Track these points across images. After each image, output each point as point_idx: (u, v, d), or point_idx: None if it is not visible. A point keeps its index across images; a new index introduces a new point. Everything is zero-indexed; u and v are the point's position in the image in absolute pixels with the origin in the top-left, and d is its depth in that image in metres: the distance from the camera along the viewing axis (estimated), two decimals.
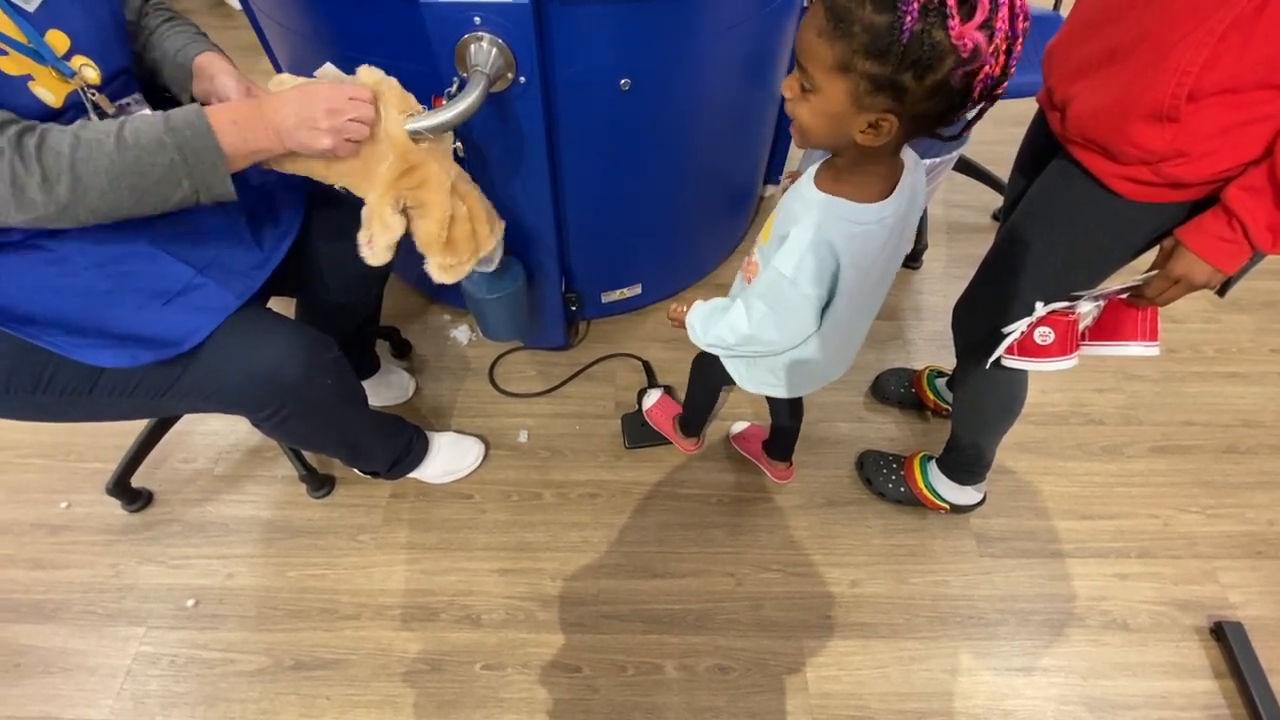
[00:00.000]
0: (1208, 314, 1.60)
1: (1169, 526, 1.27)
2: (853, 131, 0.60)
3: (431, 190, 0.87)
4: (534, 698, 1.08)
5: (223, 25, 2.70)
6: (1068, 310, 0.83)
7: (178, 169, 0.71)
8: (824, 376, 0.96)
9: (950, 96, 0.55)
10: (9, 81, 0.69)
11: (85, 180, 0.68)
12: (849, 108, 0.58)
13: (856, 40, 0.53)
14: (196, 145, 0.71)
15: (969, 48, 0.51)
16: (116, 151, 0.68)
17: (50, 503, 1.31)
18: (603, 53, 1.00)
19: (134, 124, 0.69)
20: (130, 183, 0.70)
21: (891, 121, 0.58)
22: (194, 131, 0.71)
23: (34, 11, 0.71)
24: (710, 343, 0.86)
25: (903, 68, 0.53)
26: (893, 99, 0.56)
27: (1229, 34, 0.60)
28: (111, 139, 0.68)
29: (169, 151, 0.70)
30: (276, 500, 1.31)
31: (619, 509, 1.30)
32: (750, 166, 1.58)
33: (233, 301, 0.87)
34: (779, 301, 0.74)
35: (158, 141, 0.69)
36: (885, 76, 0.54)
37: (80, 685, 1.10)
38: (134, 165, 0.69)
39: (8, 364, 0.82)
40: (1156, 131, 0.67)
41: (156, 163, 0.70)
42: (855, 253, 0.70)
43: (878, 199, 0.68)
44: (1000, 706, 1.07)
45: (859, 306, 0.82)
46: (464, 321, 1.61)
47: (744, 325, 0.79)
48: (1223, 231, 0.68)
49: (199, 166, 0.72)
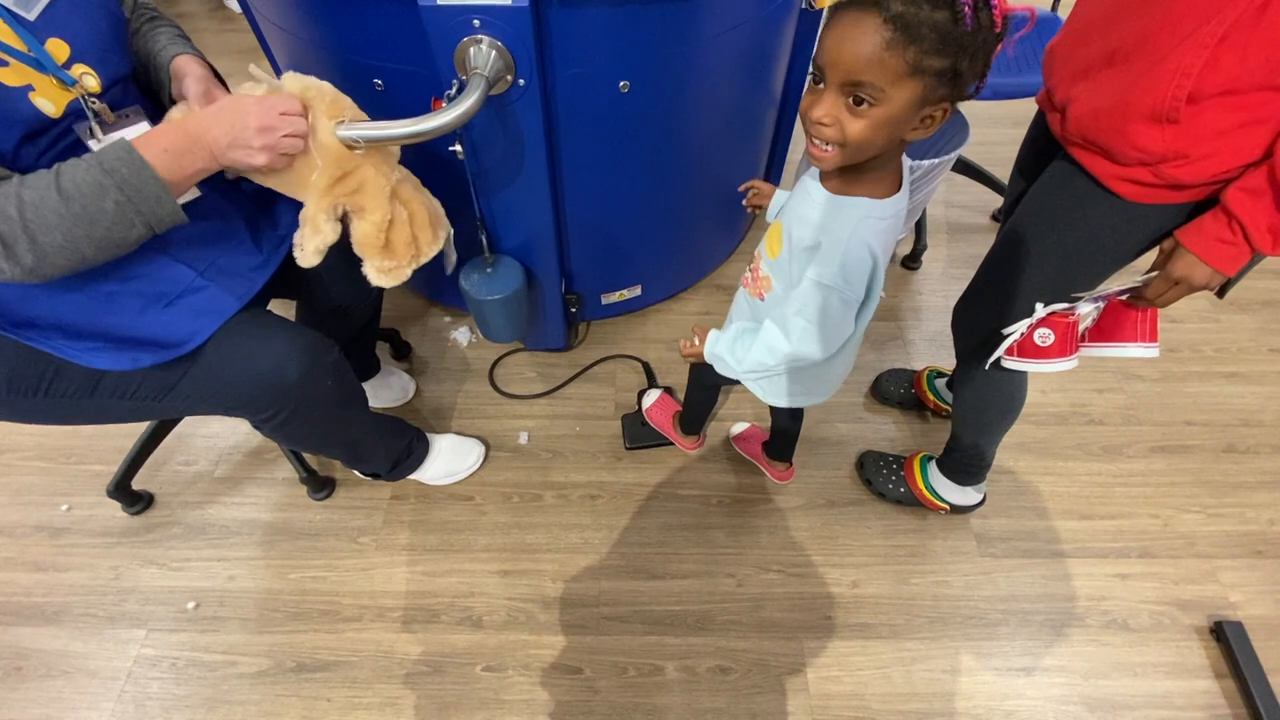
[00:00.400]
0: (1207, 314, 1.61)
1: (1169, 526, 1.27)
2: (904, 132, 0.61)
3: (368, 195, 0.86)
4: (535, 699, 1.08)
5: (223, 28, 2.71)
6: (1067, 312, 0.83)
7: (125, 210, 0.70)
8: (843, 376, 0.97)
9: (984, 69, 0.57)
10: (8, 93, 0.69)
11: (41, 239, 0.68)
12: (910, 111, 0.59)
13: (926, 41, 0.54)
14: (135, 182, 0.70)
15: (1000, 20, 0.54)
16: (63, 205, 0.68)
17: (51, 505, 1.31)
18: (602, 55, 1.00)
19: (70, 174, 0.69)
20: (84, 232, 0.69)
21: (946, 109, 0.59)
22: (130, 169, 0.70)
23: (34, 20, 0.72)
24: (748, 370, 0.84)
25: (964, 55, 0.55)
26: (950, 87, 0.58)
27: (1229, 36, 0.60)
28: (54, 192, 0.68)
29: (111, 194, 0.69)
30: (277, 502, 1.31)
31: (619, 510, 1.30)
32: (749, 168, 1.58)
33: (233, 304, 0.87)
34: (823, 313, 0.74)
35: (97, 186, 0.69)
36: (949, 68, 0.56)
37: (81, 688, 1.10)
38: (83, 215, 0.69)
39: (9, 367, 0.82)
40: (1156, 133, 0.67)
41: (104, 208, 0.69)
42: (885, 248, 0.71)
43: (893, 193, 0.70)
44: (1001, 707, 1.07)
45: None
46: (464, 323, 1.61)
47: (783, 345, 0.78)
48: (1222, 233, 0.68)
49: (145, 202, 0.71)
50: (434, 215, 1.00)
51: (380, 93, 1.05)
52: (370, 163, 0.85)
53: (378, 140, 0.83)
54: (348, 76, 1.07)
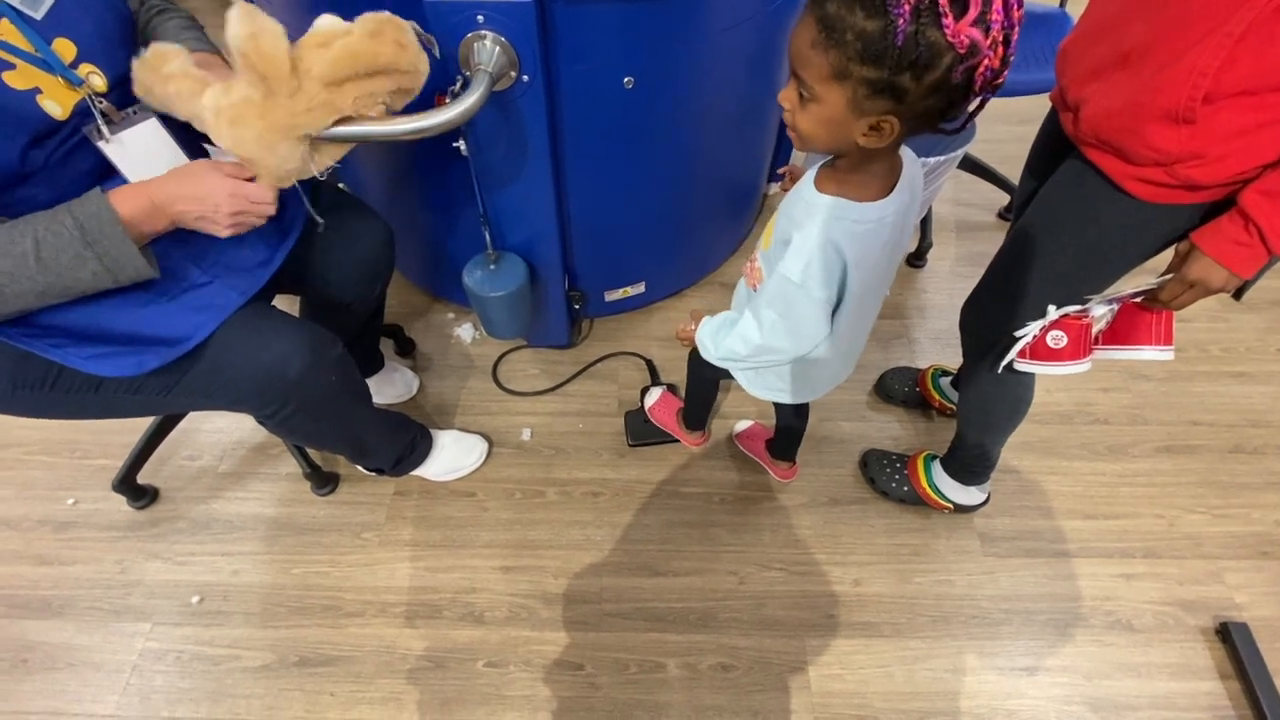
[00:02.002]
0: (1215, 313, 1.59)
1: (1174, 527, 1.26)
2: (854, 135, 0.60)
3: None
4: (536, 695, 1.09)
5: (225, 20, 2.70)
6: (1081, 314, 0.82)
7: (101, 278, 0.74)
8: (830, 381, 0.96)
9: (950, 92, 0.55)
10: (16, 96, 0.69)
11: (12, 305, 0.71)
12: (848, 114, 0.58)
13: (850, 48, 0.53)
14: (116, 254, 0.73)
15: (965, 44, 0.51)
16: (39, 273, 0.70)
17: (57, 499, 1.32)
18: (606, 51, 1.00)
19: (50, 244, 0.70)
20: (58, 292, 0.73)
21: (892, 123, 0.58)
22: (112, 242, 0.72)
23: (41, 19, 0.72)
24: (722, 357, 0.84)
25: (900, 70, 0.53)
26: (893, 100, 0.56)
27: (1247, 36, 0.60)
28: (31, 261, 0.69)
29: (90, 264, 0.72)
30: (281, 497, 1.32)
31: (622, 507, 1.30)
32: (753, 165, 1.57)
33: (236, 299, 0.87)
34: (788, 308, 0.73)
35: (76, 257, 0.71)
36: (883, 80, 0.54)
37: (86, 681, 1.11)
38: (58, 283, 0.72)
39: (14, 363, 0.82)
40: (1172, 133, 0.66)
41: (80, 276, 0.72)
42: (860, 252, 0.70)
43: (879, 197, 0.68)
44: (1004, 706, 1.07)
45: (863, 306, 0.82)
46: (468, 320, 1.61)
47: (755, 335, 0.78)
48: (1239, 236, 0.67)
49: (121, 270, 0.74)
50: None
51: None
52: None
53: (378, 137, 0.83)
54: None
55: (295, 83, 0.75)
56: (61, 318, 0.79)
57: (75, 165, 0.78)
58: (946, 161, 1.32)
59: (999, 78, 0.54)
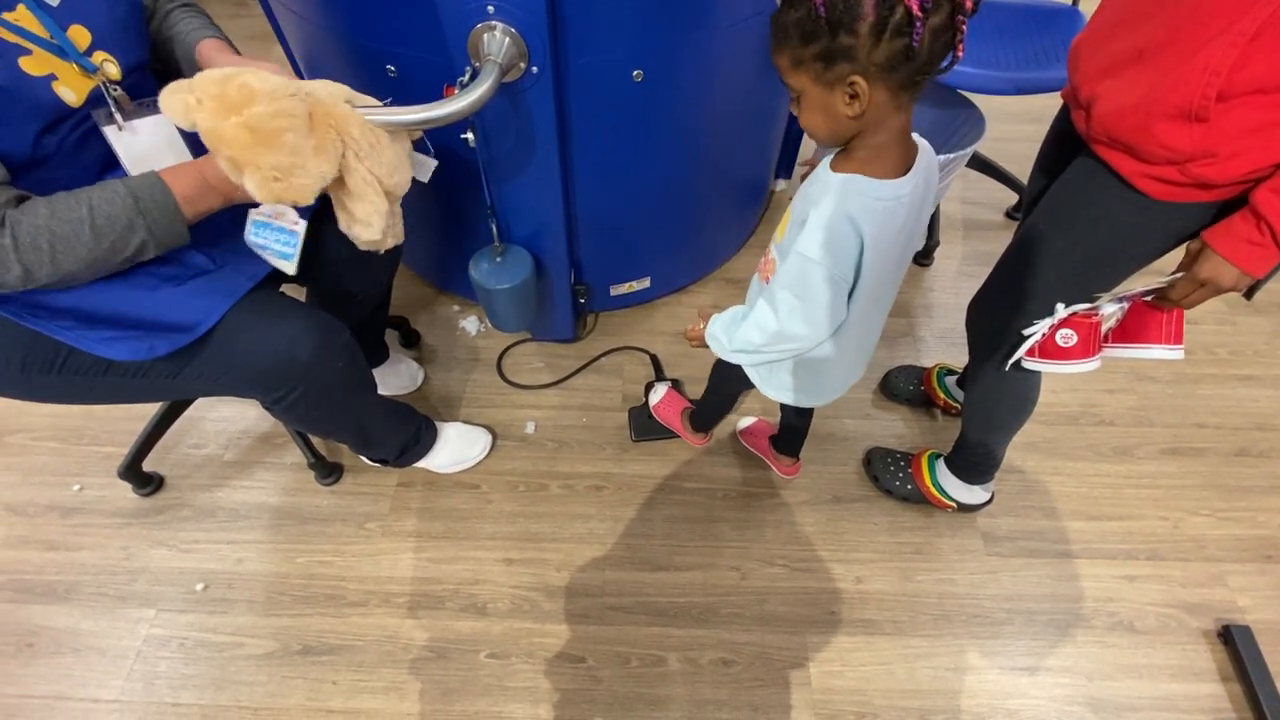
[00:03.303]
0: (1223, 316, 1.59)
1: (1178, 529, 1.26)
2: (842, 111, 0.63)
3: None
4: (538, 687, 1.09)
5: (235, 14, 2.71)
6: (1090, 312, 0.81)
7: (148, 246, 0.76)
8: (842, 383, 0.95)
9: (896, 30, 0.56)
10: (32, 83, 0.70)
11: (65, 268, 0.72)
12: (822, 92, 0.63)
13: (791, 39, 0.61)
14: (165, 224, 0.75)
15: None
16: (93, 240, 0.72)
17: (63, 485, 1.33)
18: (615, 44, 0.99)
19: (104, 210, 0.72)
20: (105, 259, 0.74)
21: (860, 83, 0.60)
22: (162, 212, 0.74)
23: (57, 6, 0.72)
24: (737, 348, 0.82)
25: (835, 32, 0.58)
26: (848, 62, 0.59)
27: (1261, 34, 0.59)
28: (87, 229, 0.71)
29: (139, 233, 0.74)
30: (285, 487, 1.32)
31: (625, 501, 1.30)
32: (761, 160, 1.57)
33: (244, 284, 0.88)
34: (806, 289, 0.72)
35: (128, 225, 0.73)
36: (826, 48, 0.59)
37: (91, 666, 1.12)
38: (109, 250, 0.73)
39: (24, 346, 0.82)
40: (1185, 131, 0.66)
41: (130, 242, 0.74)
42: (877, 230, 0.69)
43: (894, 175, 0.69)
44: (1004, 705, 1.07)
45: (876, 298, 0.81)
46: (473, 312, 1.61)
47: (771, 322, 0.76)
48: (1251, 235, 0.66)
49: (167, 238, 0.77)
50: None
51: (393, 79, 1.05)
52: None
53: (390, 125, 0.83)
54: (361, 63, 1.06)
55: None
56: (74, 301, 0.79)
57: (87, 153, 0.78)
58: (955, 159, 1.31)
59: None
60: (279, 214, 0.76)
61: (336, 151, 0.76)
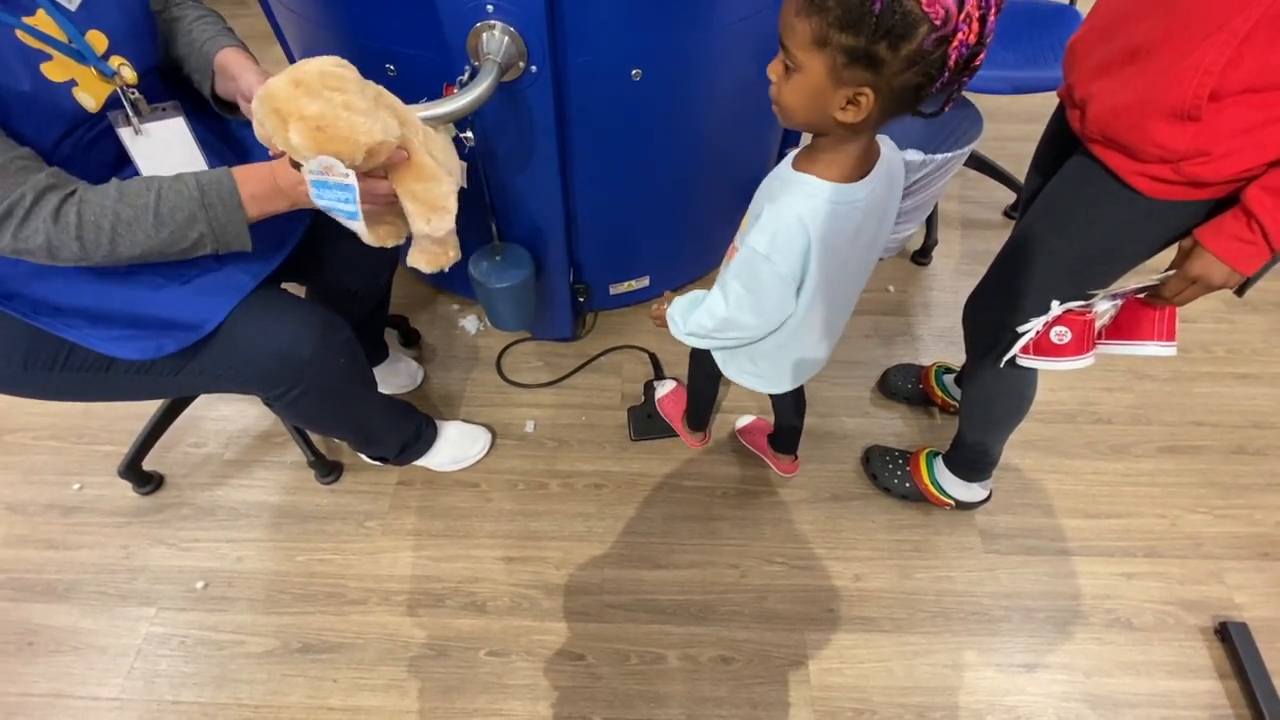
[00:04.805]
0: (1220, 314, 1.59)
1: (1176, 526, 1.26)
2: (832, 109, 0.61)
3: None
4: (537, 685, 1.09)
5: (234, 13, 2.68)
6: (1084, 309, 0.82)
7: (205, 240, 0.75)
8: (805, 371, 0.97)
9: (927, 67, 0.55)
10: (54, 88, 0.70)
11: (121, 252, 0.72)
12: (827, 84, 0.59)
13: (830, 14, 0.55)
14: (225, 219, 0.75)
15: (940, 14, 0.52)
16: (154, 229, 0.72)
17: (63, 484, 1.33)
18: (614, 42, 1.00)
19: (170, 200, 0.72)
20: (161, 249, 0.74)
21: (868, 95, 0.58)
22: (225, 208, 0.74)
23: (75, 10, 0.72)
24: (689, 331, 0.86)
25: (877, 37, 0.54)
26: (869, 71, 0.57)
27: (1253, 34, 0.60)
28: (150, 215, 0.71)
29: (199, 225, 0.74)
30: (285, 485, 1.32)
31: (624, 500, 1.30)
32: (760, 158, 1.57)
33: (248, 282, 0.88)
34: (754, 280, 0.74)
35: (190, 217, 0.73)
36: (860, 48, 0.55)
37: (91, 664, 1.12)
38: (169, 239, 0.73)
39: (26, 342, 0.83)
40: (1178, 130, 0.66)
41: (188, 234, 0.74)
42: (826, 231, 0.70)
43: (849, 179, 0.69)
44: (1002, 702, 1.08)
45: (834, 294, 0.82)
46: (472, 311, 1.61)
47: (720, 308, 0.79)
48: (1242, 232, 0.67)
49: (225, 236, 0.76)
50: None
51: (393, 78, 1.05)
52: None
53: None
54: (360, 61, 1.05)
55: None
56: (80, 299, 0.79)
57: (99, 153, 0.79)
58: (954, 159, 1.32)
59: (975, 58, 0.55)
60: (328, 168, 0.74)
61: (392, 122, 0.74)
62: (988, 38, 0.54)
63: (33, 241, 0.68)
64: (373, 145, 0.71)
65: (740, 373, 0.99)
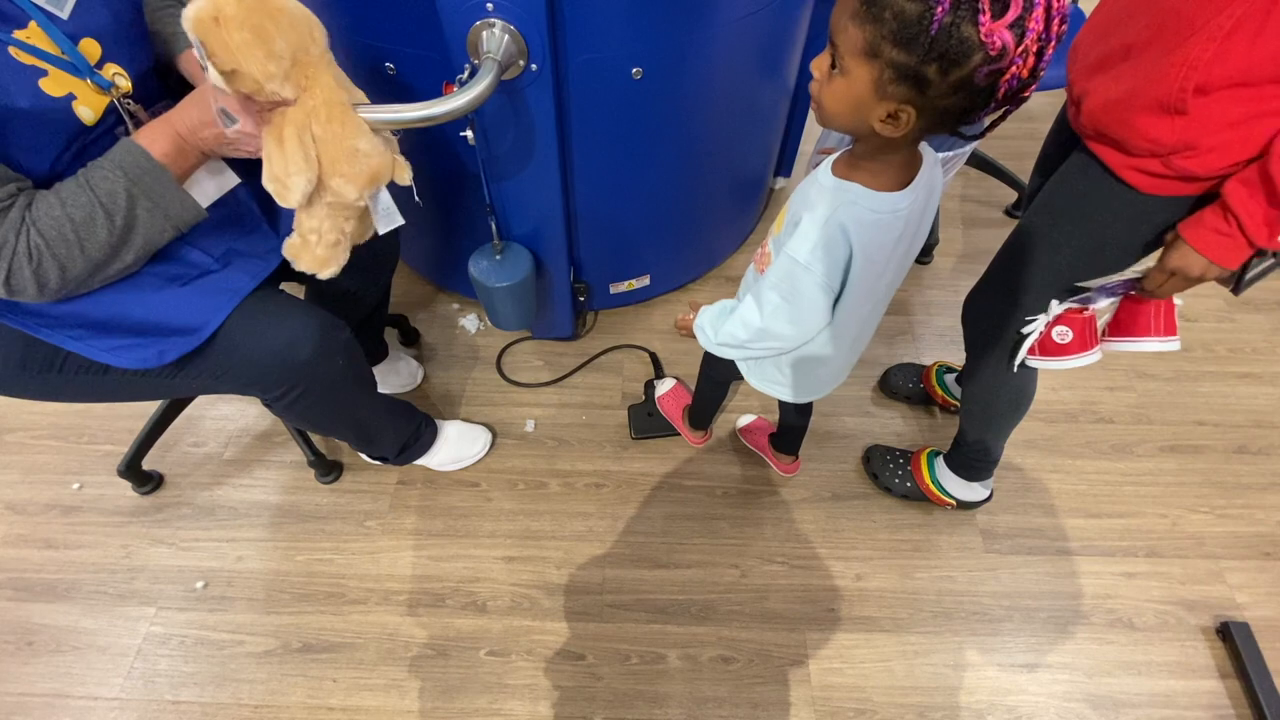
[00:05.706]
0: (1222, 313, 1.59)
1: (1177, 526, 1.26)
2: (871, 120, 0.60)
3: None
4: (538, 684, 1.09)
5: None
6: (1082, 307, 0.82)
7: (156, 216, 0.75)
8: (831, 380, 0.95)
9: (973, 94, 0.54)
10: (53, 104, 0.70)
11: (91, 253, 0.72)
12: (871, 94, 0.58)
13: (886, 26, 0.53)
14: (159, 189, 0.74)
15: (997, 46, 0.51)
16: (107, 220, 0.72)
17: (63, 484, 1.33)
18: (615, 41, 0.99)
19: (102, 184, 0.71)
20: (123, 239, 0.73)
21: (910, 114, 0.57)
22: (153, 178, 0.73)
23: (67, 19, 0.71)
24: (721, 342, 0.83)
25: (928, 59, 0.52)
26: (915, 90, 0.55)
27: (1238, 29, 0.60)
28: (99, 209, 0.71)
29: (142, 202, 0.73)
30: (285, 485, 1.32)
31: (625, 499, 1.30)
32: (761, 158, 1.57)
33: (247, 283, 0.88)
34: (793, 291, 0.73)
35: (129, 197, 0.72)
36: (910, 66, 0.54)
37: (91, 664, 1.12)
38: (123, 229, 0.73)
39: (24, 343, 0.82)
40: (1165, 124, 0.67)
41: (136, 215, 0.73)
42: (868, 241, 0.69)
43: (893, 189, 0.68)
44: (1003, 702, 1.07)
45: (870, 303, 0.81)
46: (472, 310, 1.61)
47: (756, 319, 0.77)
48: (1219, 225, 0.68)
49: (170, 206, 0.75)
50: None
51: (392, 77, 1.05)
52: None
53: (390, 123, 0.82)
54: (360, 60, 1.06)
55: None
56: (80, 308, 0.79)
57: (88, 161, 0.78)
58: (955, 157, 1.32)
59: (1025, 90, 0.54)
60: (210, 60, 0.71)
61: (284, 73, 0.71)
62: (1041, 71, 0.53)
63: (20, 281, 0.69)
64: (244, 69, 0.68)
65: (767, 382, 0.96)
